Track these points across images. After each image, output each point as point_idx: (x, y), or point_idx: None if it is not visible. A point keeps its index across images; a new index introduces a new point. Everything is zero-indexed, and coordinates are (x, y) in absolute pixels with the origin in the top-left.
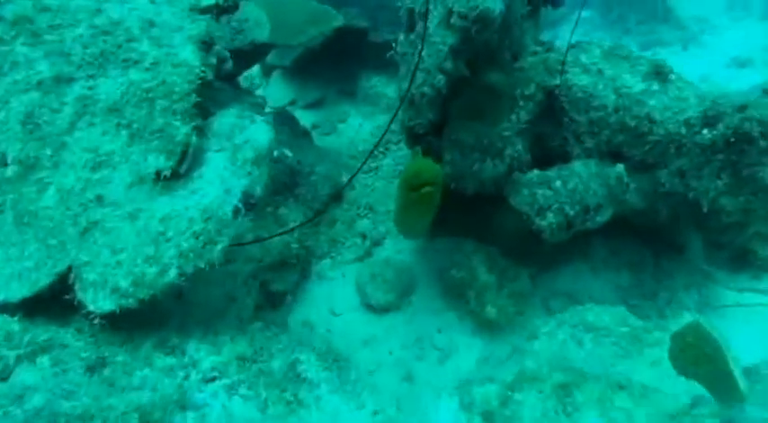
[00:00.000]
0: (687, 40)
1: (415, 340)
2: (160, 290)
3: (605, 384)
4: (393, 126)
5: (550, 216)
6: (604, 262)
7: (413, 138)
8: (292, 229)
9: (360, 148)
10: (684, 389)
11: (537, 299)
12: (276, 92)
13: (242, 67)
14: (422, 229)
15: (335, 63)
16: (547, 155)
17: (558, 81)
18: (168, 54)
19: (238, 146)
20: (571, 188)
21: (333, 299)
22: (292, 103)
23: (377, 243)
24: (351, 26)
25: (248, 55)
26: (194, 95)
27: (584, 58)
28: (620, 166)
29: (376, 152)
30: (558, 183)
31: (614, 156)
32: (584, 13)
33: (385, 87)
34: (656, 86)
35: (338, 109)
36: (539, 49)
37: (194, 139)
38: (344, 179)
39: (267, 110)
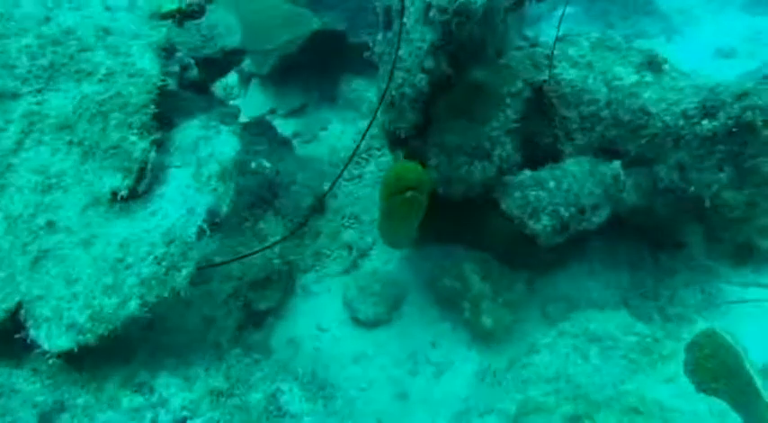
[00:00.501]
0: (670, 32)
1: (407, 355)
2: (121, 323)
3: (619, 411)
4: (375, 131)
5: (545, 219)
6: (602, 262)
7: (395, 142)
8: (273, 245)
9: (342, 155)
10: (706, 407)
11: (534, 305)
12: (255, 101)
13: (214, 75)
14: (408, 237)
15: (315, 68)
16: (537, 154)
17: (545, 76)
18: (125, 64)
19: (202, 160)
20: (565, 188)
21: (319, 314)
22: (272, 111)
23: (363, 254)
24: (328, 29)
25: (220, 63)
26: (152, 107)
27: (572, 52)
28: (617, 163)
29: (357, 158)
30: (552, 183)
31: (608, 152)
32: (568, 9)
33: (366, 91)
34: (649, 77)
35: (319, 116)
36: (523, 44)
37: (153, 154)
38: (326, 188)
39: (245, 119)
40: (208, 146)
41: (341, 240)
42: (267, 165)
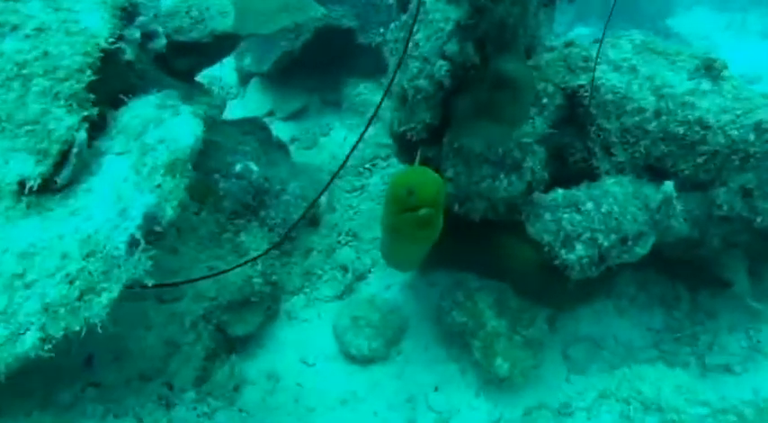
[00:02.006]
0: None
1: (405, 399)
2: (11, 364)
3: None
4: (384, 140)
5: (580, 248)
6: (631, 299)
7: (405, 147)
8: (246, 263)
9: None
10: None
11: (555, 345)
12: (253, 102)
13: (202, 62)
14: (416, 260)
15: (319, 69)
16: (565, 173)
17: (582, 81)
18: (65, 20)
19: (149, 147)
20: (605, 211)
21: (305, 345)
22: (270, 114)
23: (360, 277)
24: (336, 26)
25: (209, 48)
26: (89, 73)
27: (612, 54)
28: (670, 185)
29: (362, 169)
30: (590, 205)
31: (654, 171)
32: (585, 30)
33: (374, 95)
34: (706, 85)
35: (321, 120)
36: (556, 43)
37: (83, 134)
38: (322, 200)
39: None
40: (159, 129)
41: (335, 260)
42: (254, 168)
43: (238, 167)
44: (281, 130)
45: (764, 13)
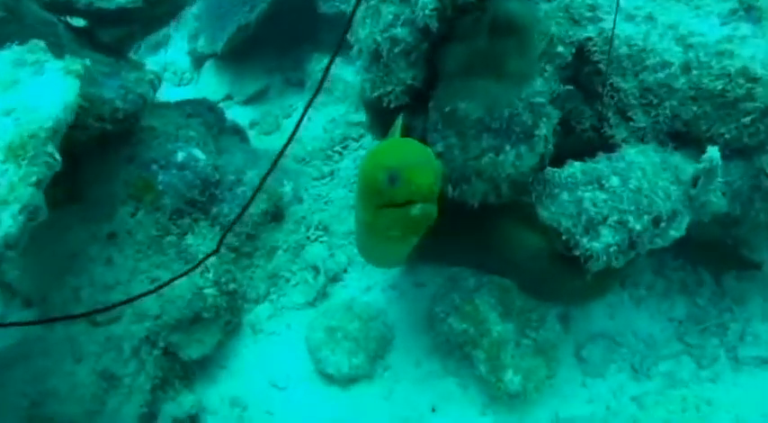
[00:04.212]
0: None
1: None
2: None
3: None
4: (356, 117)
5: (606, 233)
6: (648, 287)
7: (380, 118)
8: (182, 276)
9: (308, 148)
10: None
11: (567, 346)
12: (208, 86)
13: (134, 33)
14: (401, 258)
15: (279, 46)
16: (572, 144)
17: (589, 32)
18: None
19: None
20: (634, 188)
21: (275, 364)
22: (228, 98)
23: (335, 278)
24: None
25: (140, 15)
26: None
27: (622, 2)
28: (714, 150)
29: (331, 152)
30: (615, 180)
31: (680, 138)
32: None
33: (341, 69)
34: (746, 29)
35: (283, 102)
36: None
37: None
38: (287, 190)
39: None
40: (11, 94)
41: (304, 259)
42: (200, 156)
43: (180, 156)
44: (240, 114)
45: None
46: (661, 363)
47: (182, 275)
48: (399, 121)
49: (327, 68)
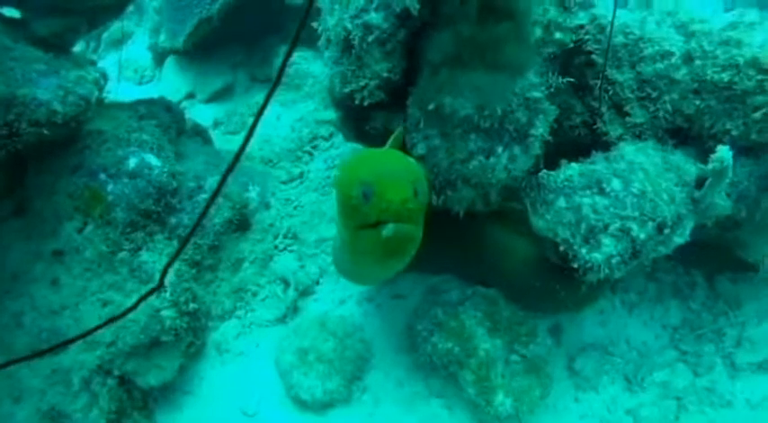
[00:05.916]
0: None
1: None
2: None
3: None
4: (328, 114)
5: (608, 243)
6: (640, 292)
7: (352, 116)
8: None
9: (277, 149)
10: None
11: (558, 358)
12: (170, 84)
13: (77, 26)
14: (383, 279)
15: (244, 40)
16: (561, 142)
17: (580, 19)
18: None
19: None
20: (637, 191)
21: (244, 387)
22: (190, 96)
23: (306, 292)
24: None
25: (81, 5)
26: None
27: None
28: (725, 149)
29: (300, 153)
30: (617, 183)
31: (680, 135)
32: None
33: (310, 64)
34: (752, 15)
35: (249, 99)
36: None
37: None
38: (253, 195)
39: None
40: None
41: (273, 271)
42: (155, 163)
43: (132, 163)
44: (203, 114)
45: None
46: (655, 372)
47: (126, 312)
48: (397, 134)
49: (286, 59)
